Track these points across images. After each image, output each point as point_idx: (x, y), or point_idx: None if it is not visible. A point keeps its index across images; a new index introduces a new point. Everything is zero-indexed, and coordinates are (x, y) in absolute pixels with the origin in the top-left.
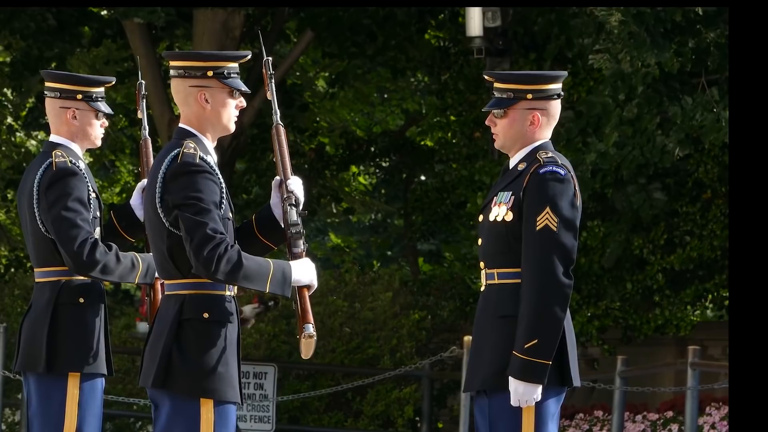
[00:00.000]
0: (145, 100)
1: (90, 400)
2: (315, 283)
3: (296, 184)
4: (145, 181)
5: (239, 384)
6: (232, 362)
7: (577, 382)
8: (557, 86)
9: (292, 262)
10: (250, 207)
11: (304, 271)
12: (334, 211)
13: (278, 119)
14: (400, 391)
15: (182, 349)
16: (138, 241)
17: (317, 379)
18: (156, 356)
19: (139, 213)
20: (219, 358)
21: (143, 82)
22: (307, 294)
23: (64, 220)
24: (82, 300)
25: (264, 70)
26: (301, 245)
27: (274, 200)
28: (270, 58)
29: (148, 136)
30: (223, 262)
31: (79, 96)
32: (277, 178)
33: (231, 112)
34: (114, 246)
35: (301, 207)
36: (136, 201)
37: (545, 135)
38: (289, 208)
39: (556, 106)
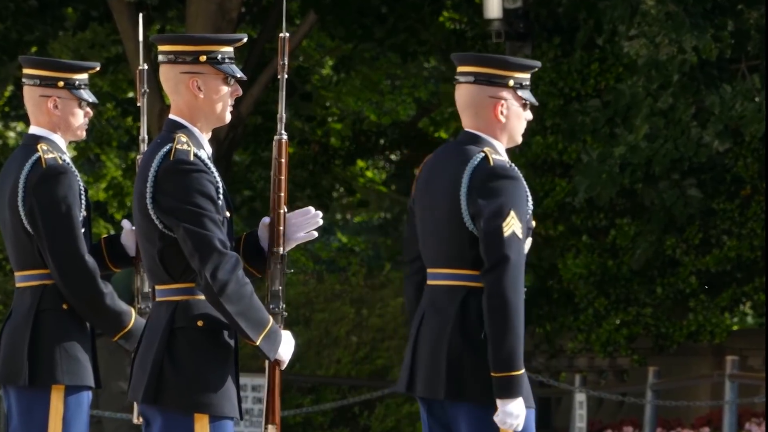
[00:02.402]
0: (146, 98)
1: (75, 415)
2: (287, 361)
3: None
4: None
5: (237, 398)
6: (229, 374)
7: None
8: None
9: (284, 332)
10: (255, 202)
11: (288, 345)
12: (345, 203)
13: (282, 129)
14: (411, 405)
15: (175, 361)
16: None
17: (321, 393)
18: (146, 368)
19: (130, 250)
20: (215, 370)
21: (145, 67)
22: (279, 375)
23: (69, 226)
24: (65, 306)
25: (278, 55)
26: (278, 321)
27: (262, 234)
28: (287, 35)
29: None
30: (235, 294)
31: (61, 83)
32: (267, 219)
33: (226, 100)
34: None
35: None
36: (128, 242)
37: None
38: (273, 266)
39: None
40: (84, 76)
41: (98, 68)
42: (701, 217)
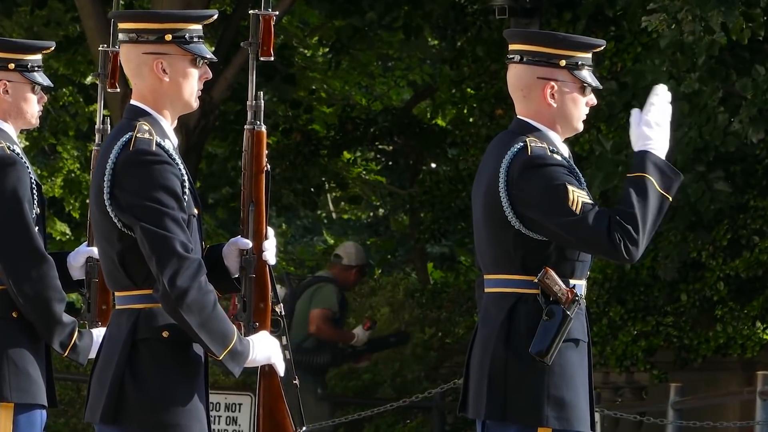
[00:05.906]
0: (105, 82)
1: None
2: (276, 362)
3: (270, 254)
4: (85, 246)
5: (207, 418)
6: (197, 391)
7: None
8: None
9: (252, 337)
10: (237, 200)
11: (268, 350)
12: (332, 199)
13: (253, 117)
14: (404, 425)
15: (137, 376)
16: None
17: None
18: (105, 385)
19: (75, 272)
20: (182, 387)
21: (115, 49)
22: (277, 384)
23: (19, 222)
24: (15, 314)
25: (250, 34)
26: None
27: (227, 251)
28: (260, 13)
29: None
30: (196, 304)
31: (11, 65)
32: (238, 242)
33: (193, 84)
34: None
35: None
36: (76, 262)
37: None
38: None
39: None
40: (37, 57)
41: (53, 48)
42: (730, 214)
